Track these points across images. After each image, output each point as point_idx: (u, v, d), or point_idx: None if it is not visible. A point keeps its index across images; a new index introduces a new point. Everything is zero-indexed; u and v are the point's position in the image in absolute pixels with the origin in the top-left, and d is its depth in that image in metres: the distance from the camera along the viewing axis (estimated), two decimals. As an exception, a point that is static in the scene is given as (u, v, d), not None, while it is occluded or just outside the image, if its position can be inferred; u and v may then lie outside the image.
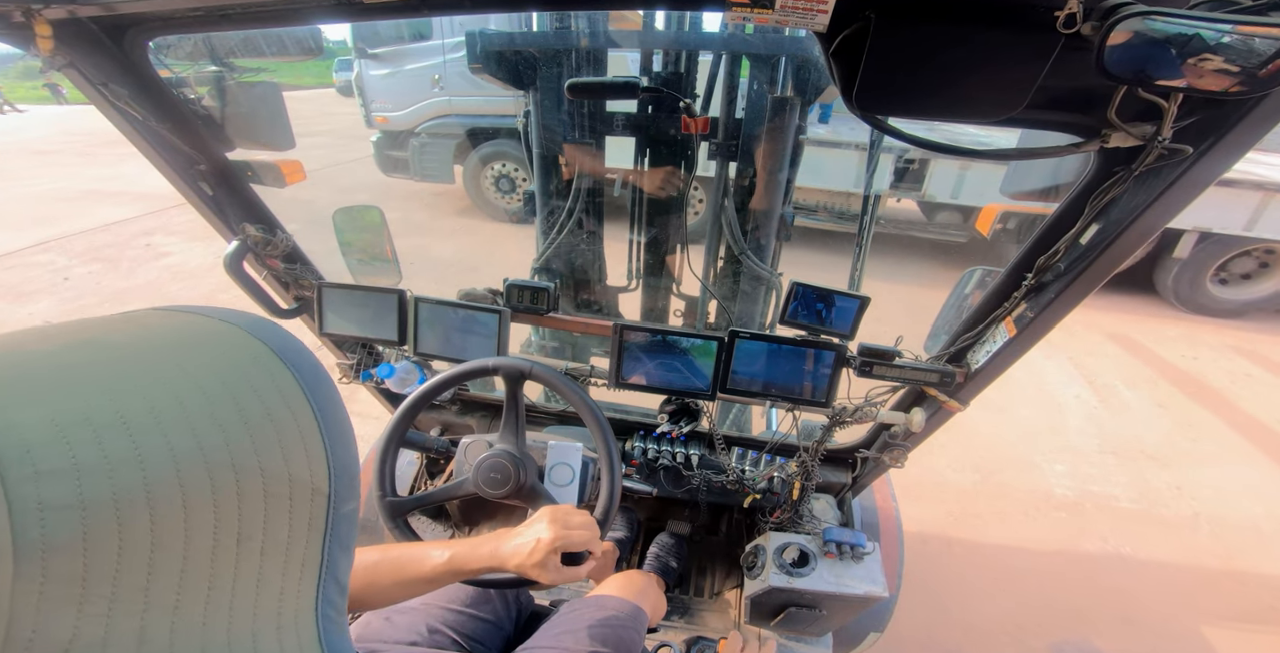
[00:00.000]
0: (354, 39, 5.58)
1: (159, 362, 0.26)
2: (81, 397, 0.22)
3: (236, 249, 1.19)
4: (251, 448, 0.26)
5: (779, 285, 1.85)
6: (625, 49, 1.90)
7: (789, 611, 1.24)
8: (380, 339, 1.35)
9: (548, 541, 0.78)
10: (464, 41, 5.22)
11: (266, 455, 0.26)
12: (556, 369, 1.08)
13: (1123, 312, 4.64)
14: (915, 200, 5.17)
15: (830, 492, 1.49)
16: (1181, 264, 4.42)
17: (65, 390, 0.22)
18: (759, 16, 0.58)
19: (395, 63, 5.59)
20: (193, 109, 1.04)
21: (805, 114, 1.63)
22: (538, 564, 0.78)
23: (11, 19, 0.78)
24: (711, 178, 1.78)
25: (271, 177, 1.23)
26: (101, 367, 0.24)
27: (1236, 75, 0.48)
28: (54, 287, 4.37)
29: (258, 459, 0.26)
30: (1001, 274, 0.96)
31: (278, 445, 0.27)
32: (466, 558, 0.79)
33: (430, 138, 5.80)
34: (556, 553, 0.79)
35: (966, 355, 1.05)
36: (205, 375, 0.26)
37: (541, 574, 0.78)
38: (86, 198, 6.61)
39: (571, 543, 0.80)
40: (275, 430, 0.27)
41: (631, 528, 1.74)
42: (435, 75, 5.48)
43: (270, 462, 0.27)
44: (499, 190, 6.07)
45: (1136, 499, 2.74)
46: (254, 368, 0.28)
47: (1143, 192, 0.70)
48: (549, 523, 0.81)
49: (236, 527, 0.25)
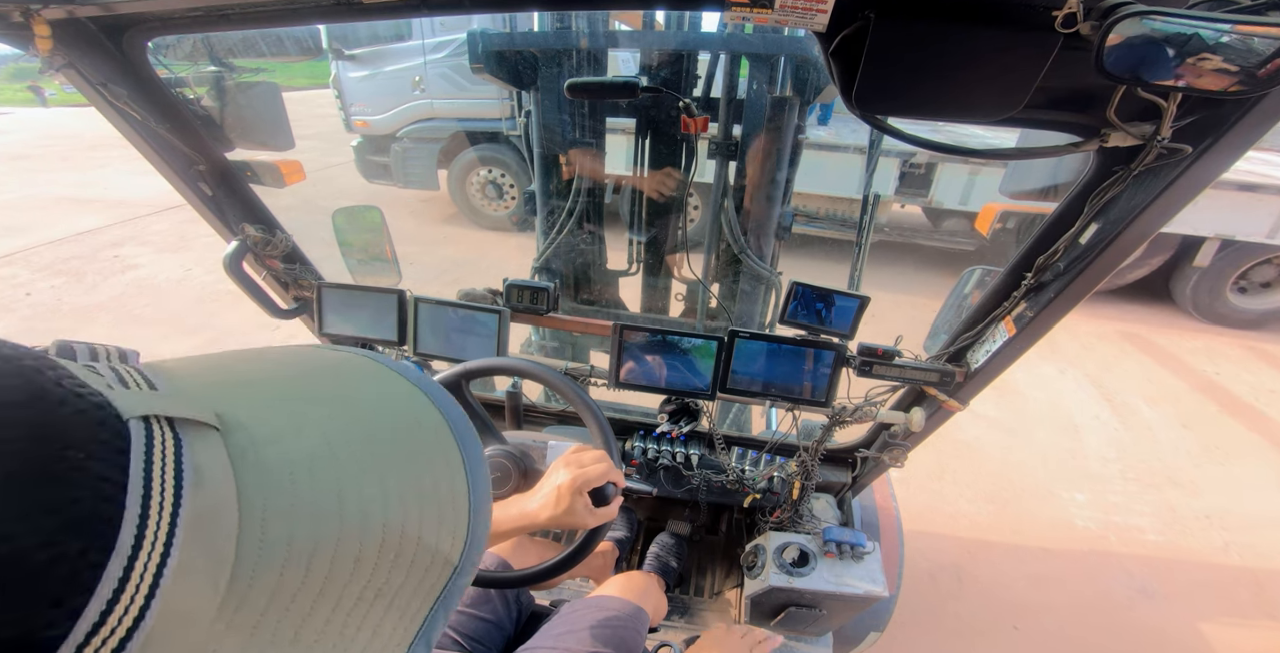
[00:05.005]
0: (329, 39, 5.21)
1: (378, 425, 0.27)
2: (312, 441, 0.23)
3: (236, 249, 1.19)
4: (418, 518, 0.27)
5: (778, 285, 1.85)
6: (626, 49, 1.90)
7: (789, 610, 1.24)
8: (380, 339, 1.35)
9: (568, 484, 0.76)
10: (445, 42, 4.81)
11: (427, 526, 0.27)
12: (556, 369, 1.08)
13: (1138, 321, 4.46)
14: (921, 206, 4.95)
15: (830, 491, 1.49)
16: (1201, 272, 4.24)
17: (304, 430, 0.23)
18: (758, 16, 0.58)
19: (374, 64, 5.31)
20: (192, 109, 1.04)
21: (805, 114, 1.63)
22: (568, 510, 0.76)
23: (10, 19, 0.78)
24: (709, 183, 1.78)
25: (271, 177, 1.23)
26: (330, 413, 0.25)
27: (1235, 75, 0.48)
28: (14, 303, 4.13)
29: (420, 529, 0.27)
30: (1001, 274, 0.96)
31: (437, 519, 0.28)
32: (498, 521, 0.78)
33: (413, 143, 5.54)
34: (582, 493, 0.78)
35: (966, 355, 1.05)
36: (411, 452, 0.27)
37: (575, 519, 0.77)
38: (59, 205, 6.32)
39: (590, 479, 0.78)
40: (437, 505, 0.28)
41: (631, 528, 1.74)
42: (416, 77, 5.20)
43: (427, 532, 0.28)
44: (486, 197, 5.79)
45: (1163, 530, 2.56)
46: (433, 439, 0.29)
47: (1142, 191, 0.70)
48: (563, 468, 0.79)
49: (379, 585, 0.26)
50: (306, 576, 0.22)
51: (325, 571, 0.23)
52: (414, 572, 0.28)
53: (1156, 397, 3.55)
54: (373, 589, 0.26)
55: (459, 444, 0.31)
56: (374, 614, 0.27)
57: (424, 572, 0.29)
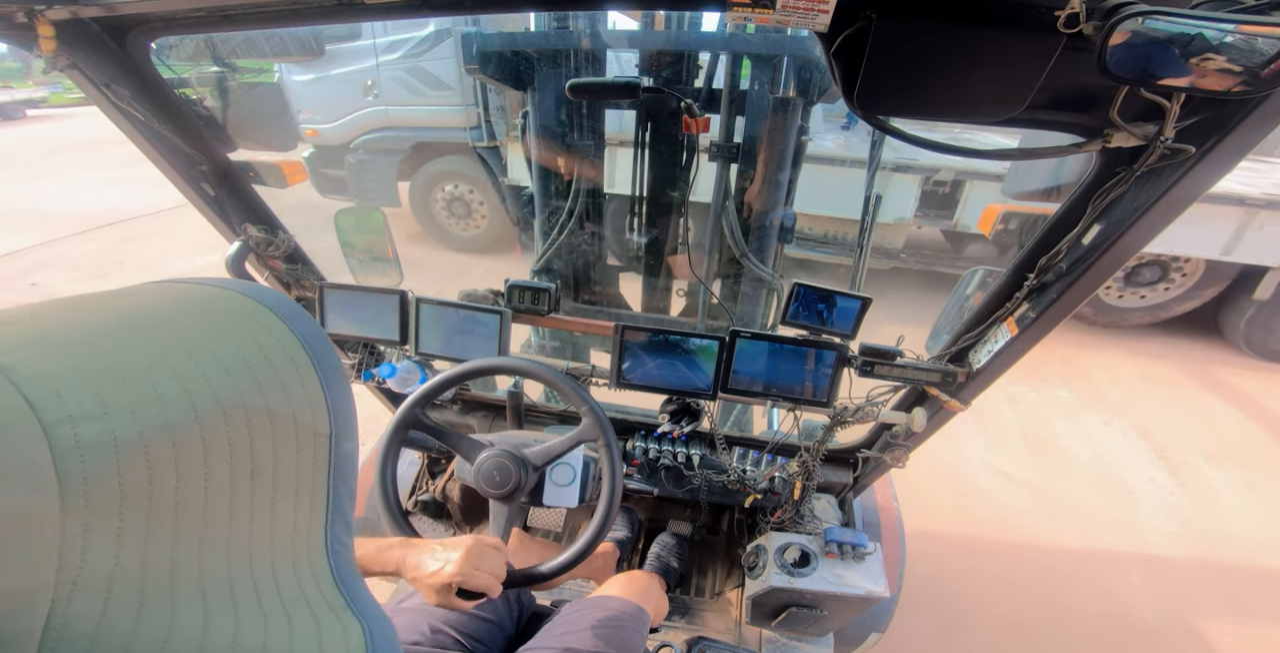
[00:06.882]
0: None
1: (168, 321, 0.28)
2: (103, 352, 0.25)
3: (239, 249, 1.19)
4: (258, 390, 0.29)
5: (780, 286, 1.84)
6: (626, 49, 1.90)
7: (790, 611, 1.24)
8: (382, 340, 1.35)
9: (449, 574, 0.78)
10: (398, 42, 4.46)
11: (271, 397, 0.29)
12: (558, 369, 1.08)
13: (1184, 357, 4.00)
14: (942, 230, 4.43)
15: (831, 492, 1.49)
16: (1259, 306, 3.82)
17: (88, 346, 0.24)
18: (760, 16, 0.58)
19: (320, 66, 4.71)
20: (194, 109, 1.05)
21: (808, 115, 1.63)
22: (431, 588, 0.79)
23: (14, 20, 0.78)
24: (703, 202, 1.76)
25: (273, 177, 1.23)
26: (117, 327, 0.26)
27: (1239, 75, 0.48)
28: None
29: (264, 400, 0.29)
30: (1003, 274, 0.96)
31: (280, 389, 0.30)
32: (371, 561, 0.81)
33: (368, 154, 4.93)
34: (453, 588, 0.80)
35: (968, 356, 1.05)
36: (211, 331, 0.29)
37: (430, 596, 0.80)
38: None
39: (471, 584, 0.80)
40: (276, 375, 0.30)
41: (632, 528, 1.74)
42: (368, 81, 4.64)
43: (275, 403, 0.29)
44: (454, 215, 5.16)
45: (1242, 623, 2.12)
46: (252, 323, 0.31)
47: (1145, 191, 0.70)
48: (462, 558, 0.79)
49: (249, 462, 0.28)
50: (151, 468, 0.23)
51: (171, 458, 0.24)
52: (283, 445, 0.29)
53: (1215, 452, 3.08)
54: (245, 469, 0.27)
55: (286, 322, 0.32)
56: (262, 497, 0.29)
57: (295, 444, 0.30)
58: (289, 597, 0.30)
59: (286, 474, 0.30)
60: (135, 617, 0.23)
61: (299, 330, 0.32)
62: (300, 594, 0.31)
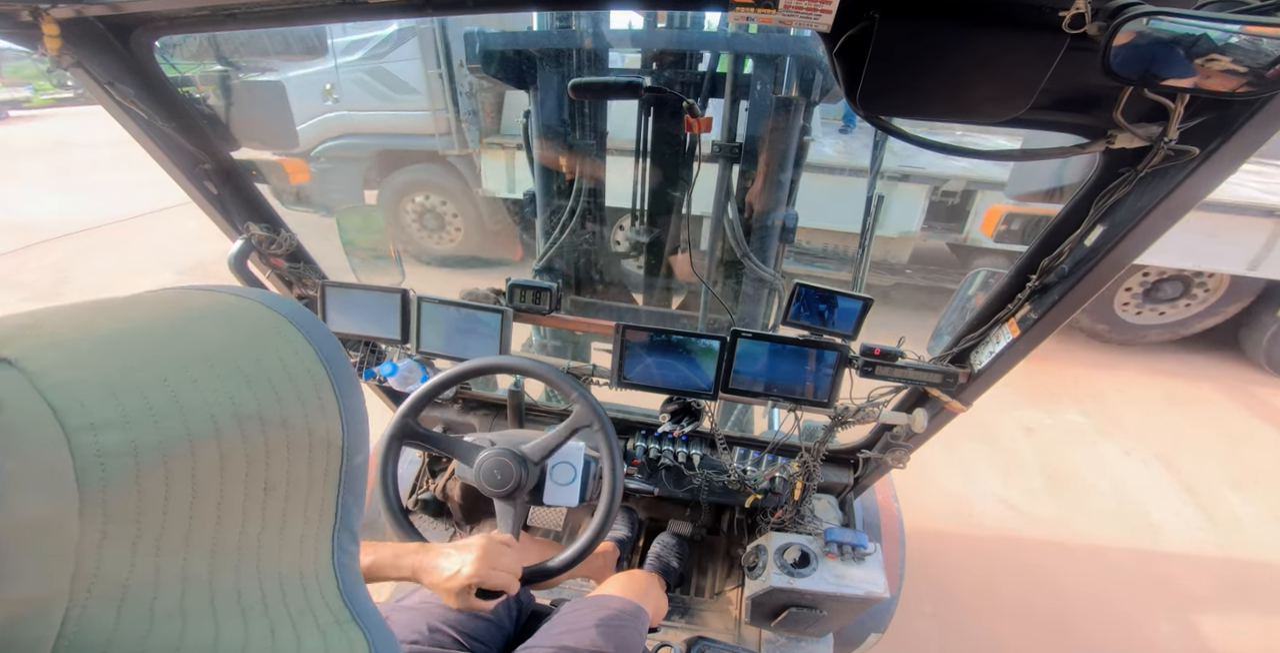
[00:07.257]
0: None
1: (190, 330, 0.28)
2: (125, 360, 0.25)
3: (241, 248, 1.19)
4: (276, 403, 0.29)
5: (781, 286, 1.84)
6: (628, 48, 1.89)
7: (790, 611, 1.24)
8: (383, 338, 1.35)
9: (466, 576, 0.78)
10: (359, 42, 4.26)
11: (289, 410, 0.29)
12: (559, 369, 1.08)
13: (1200, 378, 3.83)
14: (950, 244, 4.19)
15: (832, 492, 1.49)
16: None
17: (111, 353, 0.25)
18: (762, 16, 0.58)
19: (275, 68, 4.34)
20: (197, 108, 1.05)
21: (810, 115, 1.63)
22: (450, 591, 0.79)
23: (19, 18, 0.78)
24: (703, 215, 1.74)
25: (276, 175, 1.23)
26: (140, 335, 0.27)
27: (1244, 76, 0.48)
28: None
29: (281, 413, 0.29)
30: (1005, 275, 0.96)
31: (297, 402, 0.30)
32: (386, 567, 0.81)
33: (331, 162, 4.52)
34: (472, 589, 0.80)
35: (969, 356, 1.05)
36: (232, 342, 0.29)
37: (450, 600, 0.80)
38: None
39: (489, 584, 0.80)
40: (295, 389, 0.30)
41: (632, 528, 1.74)
42: (327, 84, 4.30)
43: (292, 416, 0.29)
44: (425, 227, 4.77)
45: None
46: (273, 335, 0.31)
47: (1148, 193, 0.70)
48: (477, 559, 0.79)
49: (264, 475, 0.28)
50: (169, 477, 0.23)
51: (189, 469, 0.24)
52: (297, 459, 0.29)
53: (1243, 479, 2.92)
54: (259, 484, 0.27)
55: (304, 334, 0.32)
56: (273, 509, 0.29)
57: (308, 457, 0.30)
58: (295, 609, 0.30)
59: (298, 487, 0.30)
60: (148, 626, 0.23)
61: (316, 343, 0.32)
62: (306, 606, 0.31)
